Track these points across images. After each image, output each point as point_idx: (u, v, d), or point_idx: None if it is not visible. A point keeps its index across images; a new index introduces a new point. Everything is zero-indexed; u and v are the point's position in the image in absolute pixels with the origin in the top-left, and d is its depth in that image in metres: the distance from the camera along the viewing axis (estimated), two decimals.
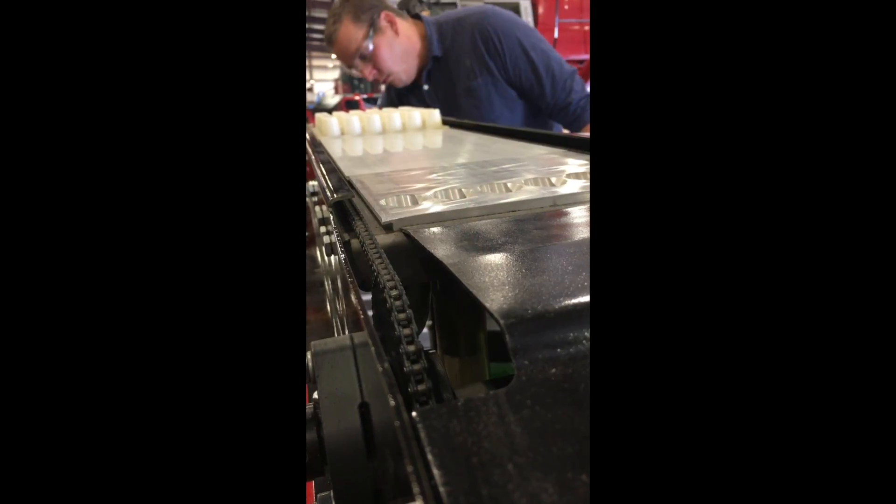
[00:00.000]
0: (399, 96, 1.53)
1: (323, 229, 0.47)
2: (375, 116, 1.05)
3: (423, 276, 0.34)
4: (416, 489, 0.14)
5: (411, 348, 0.20)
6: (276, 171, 0.20)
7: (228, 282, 0.19)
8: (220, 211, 0.20)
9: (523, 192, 0.41)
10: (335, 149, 0.79)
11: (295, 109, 0.21)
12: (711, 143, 0.17)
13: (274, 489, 0.18)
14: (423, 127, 1.08)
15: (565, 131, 1.40)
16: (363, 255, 0.31)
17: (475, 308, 0.45)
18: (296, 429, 0.19)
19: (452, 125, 1.09)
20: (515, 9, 4.67)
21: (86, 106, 0.19)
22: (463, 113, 1.36)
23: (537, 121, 1.44)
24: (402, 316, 0.21)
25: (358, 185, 0.48)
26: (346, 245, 0.34)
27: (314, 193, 0.69)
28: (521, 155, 0.61)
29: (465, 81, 1.38)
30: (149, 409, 0.18)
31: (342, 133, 1.02)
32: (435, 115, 1.10)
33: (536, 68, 1.34)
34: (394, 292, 0.23)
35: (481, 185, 0.43)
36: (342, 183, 0.47)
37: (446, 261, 0.27)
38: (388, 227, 0.35)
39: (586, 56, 3.87)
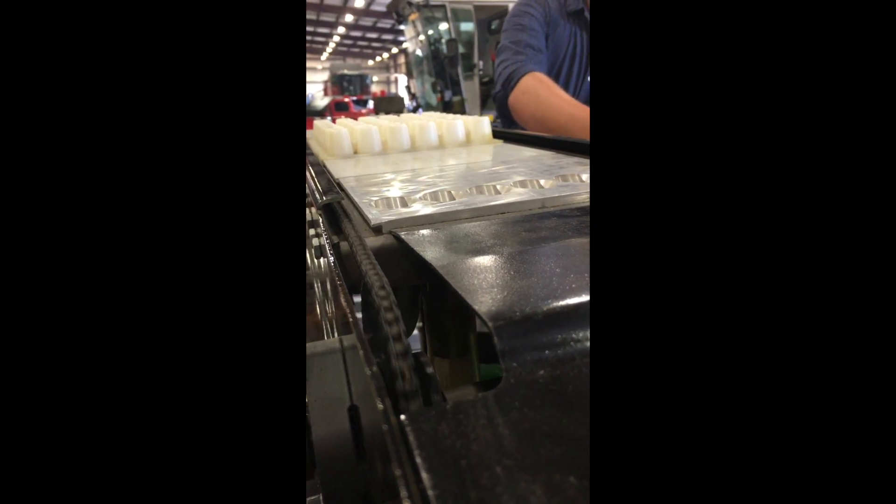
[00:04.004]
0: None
1: (312, 231, 0.47)
2: (403, 127, 0.73)
3: (412, 278, 0.34)
4: (403, 493, 0.14)
5: (401, 354, 0.20)
6: (276, 172, 0.20)
7: (229, 283, 0.19)
8: (219, 212, 0.20)
9: (512, 194, 0.42)
10: (352, 190, 0.46)
11: (294, 109, 0.21)
12: (711, 144, 0.17)
13: (274, 489, 0.18)
14: (468, 141, 0.77)
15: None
16: (352, 257, 0.31)
17: (465, 310, 0.45)
18: (296, 429, 0.19)
19: (508, 138, 0.80)
20: (505, 11, 4.68)
21: (87, 109, 0.19)
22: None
23: None
24: (393, 329, 0.21)
25: (347, 188, 0.48)
26: (336, 247, 0.34)
27: None
28: None
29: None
30: (149, 409, 0.18)
31: (355, 151, 0.70)
32: (483, 124, 0.79)
33: None
34: (385, 303, 0.23)
35: (470, 187, 0.43)
36: (331, 185, 0.47)
37: (435, 263, 0.27)
38: (377, 230, 0.35)
39: None
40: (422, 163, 0.60)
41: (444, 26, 5.72)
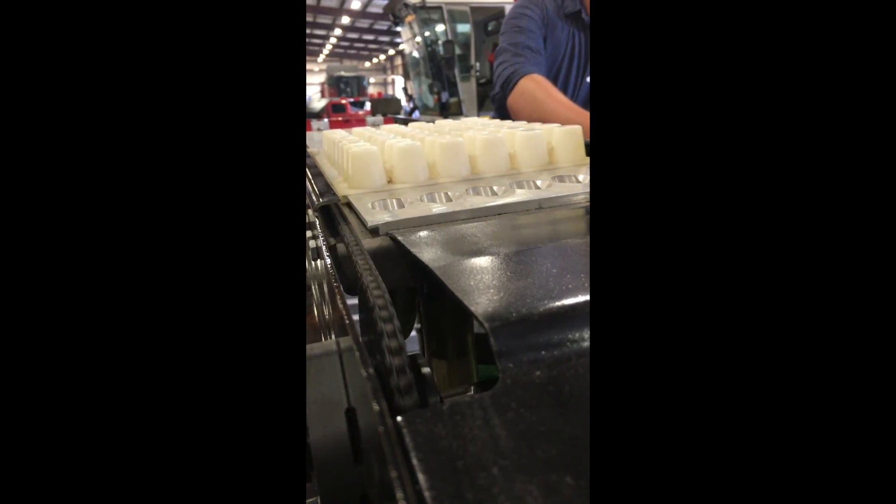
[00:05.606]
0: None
1: (309, 233, 0.47)
2: (460, 144, 0.48)
3: (410, 280, 0.34)
4: (399, 494, 0.14)
5: (395, 351, 0.20)
6: (275, 174, 0.20)
7: (229, 285, 0.19)
8: (219, 214, 0.20)
9: (509, 195, 0.42)
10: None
11: (294, 111, 0.21)
12: (711, 145, 0.17)
13: (274, 491, 0.18)
14: (551, 162, 0.51)
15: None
16: (349, 259, 0.31)
17: (462, 311, 0.45)
18: (296, 431, 0.19)
19: None
20: (502, 13, 4.69)
21: (85, 112, 0.19)
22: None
23: None
24: (388, 327, 0.21)
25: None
26: (332, 249, 0.34)
27: None
28: None
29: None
30: (150, 410, 0.18)
31: (390, 180, 0.46)
32: (574, 137, 0.52)
33: None
34: (382, 306, 0.23)
35: (468, 188, 0.43)
36: (328, 187, 0.47)
37: (432, 265, 0.27)
38: (374, 231, 0.35)
39: None
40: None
41: (440, 28, 5.73)
